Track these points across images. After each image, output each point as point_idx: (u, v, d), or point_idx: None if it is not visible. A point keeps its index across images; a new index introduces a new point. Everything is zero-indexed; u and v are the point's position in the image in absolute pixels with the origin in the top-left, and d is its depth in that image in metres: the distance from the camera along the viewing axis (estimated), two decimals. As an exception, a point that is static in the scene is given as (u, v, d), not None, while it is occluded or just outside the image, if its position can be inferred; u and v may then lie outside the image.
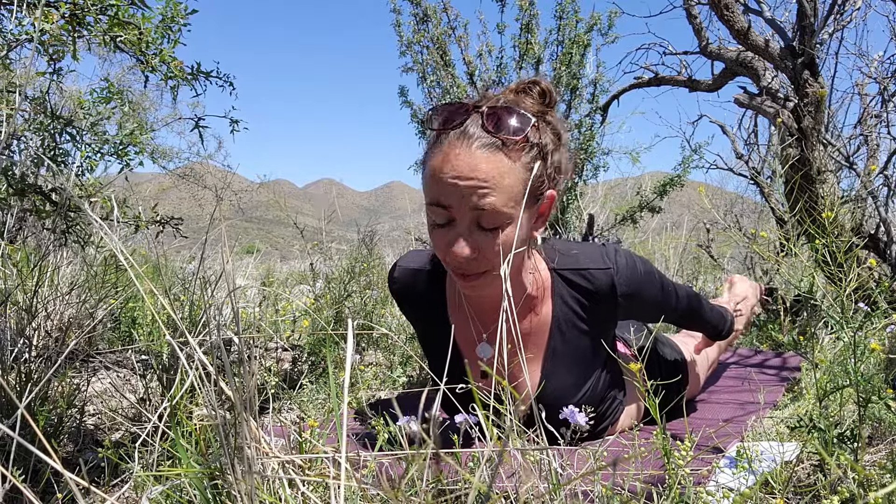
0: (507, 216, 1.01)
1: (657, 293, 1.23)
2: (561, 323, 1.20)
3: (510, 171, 1.00)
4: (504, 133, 1.00)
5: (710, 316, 1.46)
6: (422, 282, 1.28)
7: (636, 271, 1.17)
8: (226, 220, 2.73)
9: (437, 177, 1.01)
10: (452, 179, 0.99)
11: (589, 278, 1.16)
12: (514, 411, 0.71)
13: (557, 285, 1.19)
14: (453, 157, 1.00)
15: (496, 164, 0.99)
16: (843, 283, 1.01)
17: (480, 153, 0.99)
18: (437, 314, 1.28)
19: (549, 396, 1.19)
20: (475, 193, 0.99)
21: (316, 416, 1.51)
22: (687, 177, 3.35)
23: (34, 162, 1.55)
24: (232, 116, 1.74)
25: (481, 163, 0.99)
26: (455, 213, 1.02)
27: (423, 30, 3.50)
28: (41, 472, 1.07)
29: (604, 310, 1.19)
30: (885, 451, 1.11)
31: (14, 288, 1.71)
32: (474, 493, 0.46)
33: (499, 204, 0.99)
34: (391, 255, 4.43)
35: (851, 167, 2.75)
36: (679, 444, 0.85)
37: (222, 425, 0.63)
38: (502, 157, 1.00)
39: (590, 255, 1.18)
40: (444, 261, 1.09)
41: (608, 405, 1.30)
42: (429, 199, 1.04)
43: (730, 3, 2.53)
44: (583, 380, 1.23)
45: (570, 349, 1.21)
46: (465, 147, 1.00)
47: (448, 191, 1.00)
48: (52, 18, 1.30)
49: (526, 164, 1.02)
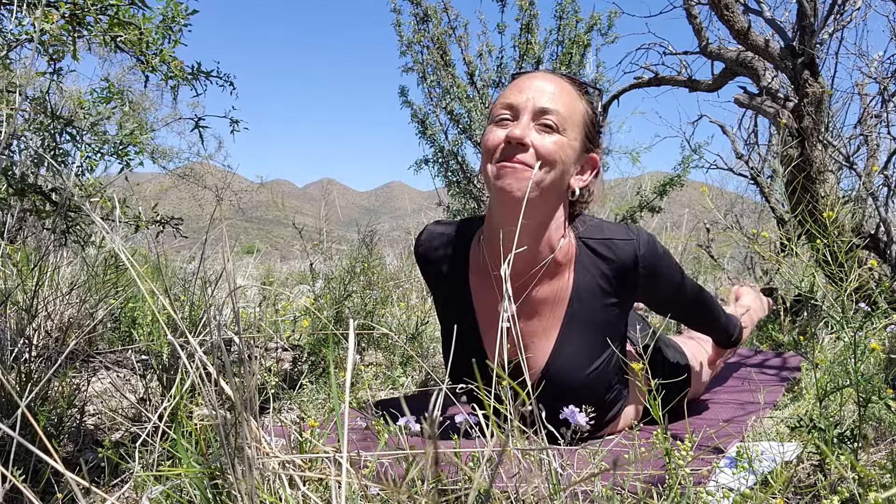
0: (564, 126, 1.16)
1: (674, 274, 1.29)
2: (582, 291, 1.23)
3: (574, 98, 1.20)
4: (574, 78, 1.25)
5: (719, 317, 1.47)
6: (447, 245, 1.34)
7: (657, 248, 1.24)
8: (226, 220, 2.73)
9: (513, 85, 1.21)
10: (528, 83, 1.18)
11: (613, 248, 1.23)
12: (524, 384, 0.71)
13: (582, 254, 1.24)
14: (530, 74, 1.22)
15: (563, 86, 1.20)
16: (844, 283, 1.01)
17: (553, 76, 1.22)
18: (459, 279, 1.31)
19: (561, 363, 1.22)
20: (545, 96, 1.16)
21: (316, 416, 1.51)
22: (687, 177, 3.35)
23: (34, 162, 1.55)
24: (232, 116, 1.74)
25: (552, 82, 1.19)
26: (520, 112, 1.16)
27: (423, 30, 3.50)
28: (41, 472, 1.07)
29: (625, 281, 1.23)
30: (885, 451, 1.11)
31: (14, 288, 1.71)
32: (474, 493, 0.46)
33: (561, 110, 1.16)
34: (391, 255, 4.43)
35: (852, 167, 2.75)
36: (679, 444, 0.85)
37: (222, 425, 0.63)
38: (570, 86, 1.21)
39: (614, 227, 1.27)
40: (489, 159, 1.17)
41: (615, 395, 1.30)
42: (499, 103, 1.20)
43: (730, 3, 2.53)
44: (596, 352, 1.25)
45: (588, 317, 1.24)
46: (540, 72, 1.23)
47: (520, 92, 1.17)
48: (52, 18, 1.30)
49: (586, 109, 1.22)
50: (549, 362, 1.22)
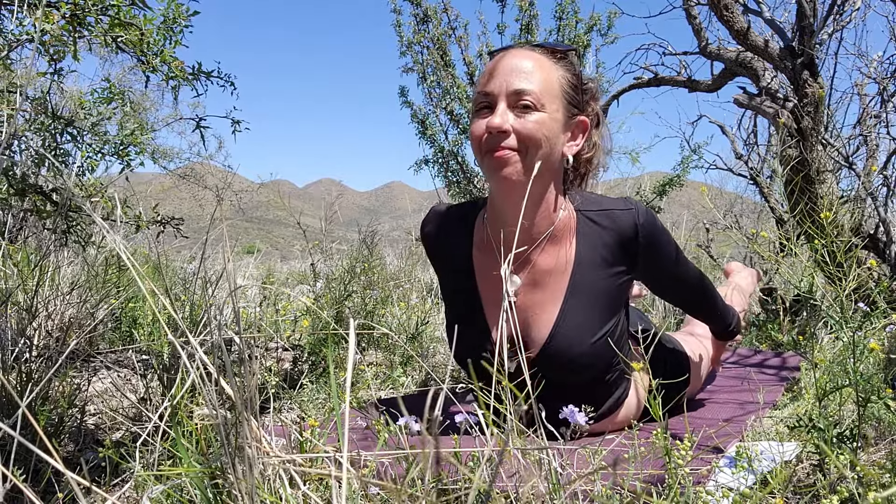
0: (541, 102, 1.15)
1: (672, 251, 1.31)
2: (584, 261, 1.25)
3: (549, 69, 1.19)
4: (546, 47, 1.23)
5: (717, 301, 1.49)
6: (451, 224, 1.37)
7: (655, 220, 1.27)
8: (226, 220, 2.73)
9: (486, 71, 1.21)
10: (498, 67, 1.18)
11: (613, 217, 1.25)
12: (524, 359, 0.72)
13: (582, 225, 1.27)
14: (502, 55, 1.22)
15: (537, 59, 1.19)
16: (843, 283, 1.01)
17: (526, 51, 1.21)
18: (462, 259, 1.33)
19: (565, 333, 1.24)
20: (516, 77, 1.16)
21: (316, 415, 1.51)
22: (686, 177, 3.35)
23: (35, 162, 1.56)
24: (233, 116, 1.74)
25: (525, 58, 1.19)
26: (495, 98, 1.16)
27: (423, 30, 3.50)
28: (42, 472, 1.07)
29: (626, 251, 1.25)
30: (884, 451, 1.11)
31: (15, 288, 1.71)
32: (474, 492, 0.46)
33: (535, 88, 1.15)
34: (391, 255, 4.43)
35: (851, 167, 2.75)
36: (679, 443, 0.85)
37: (223, 425, 0.63)
38: (542, 57, 1.20)
39: (614, 199, 1.29)
40: (478, 148, 1.19)
41: (616, 376, 1.31)
42: (476, 92, 1.22)
43: (729, 4, 2.53)
44: (598, 324, 1.26)
45: (590, 287, 1.26)
46: (513, 49, 1.22)
47: (493, 78, 1.18)
48: (52, 19, 1.30)
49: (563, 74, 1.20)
50: (553, 331, 1.24)
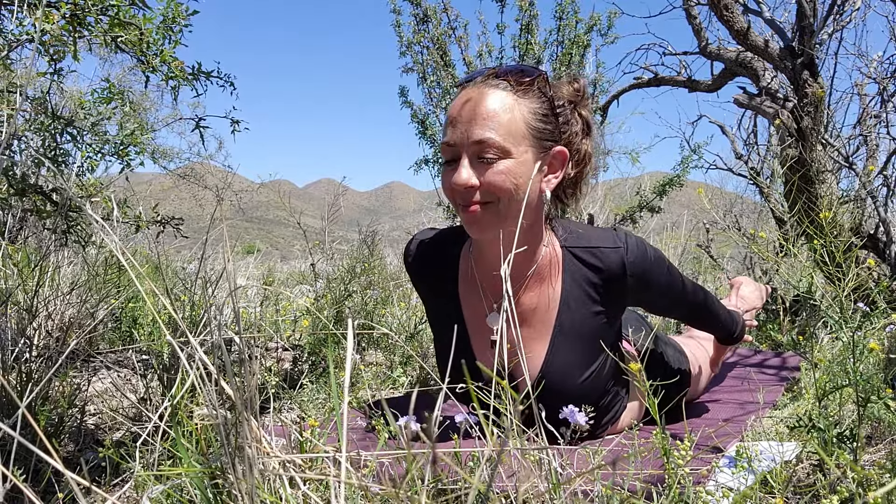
0: (505, 150, 1.08)
1: (666, 278, 1.26)
2: (570, 300, 1.22)
3: (511, 108, 1.09)
4: (512, 76, 1.12)
5: (720, 314, 1.46)
6: (436, 255, 1.33)
7: (646, 254, 1.21)
8: (226, 220, 2.73)
9: (448, 117, 1.13)
10: (457, 115, 1.11)
11: (600, 256, 1.20)
12: (517, 393, 0.72)
13: (568, 262, 1.22)
14: (463, 96, 1.13)
15: (499, 100, 1.10)
16: (842, 282, 1.01)
17: (486, 90, 1.11)
18: (448, 288, 1.30)
19: (554, 373, 1.21)
20: (476, 126, 1.08)
21: (316, 415, 1.51)
22: (686, 177, 3.34)
23: (35, 162, 1.56)
24: (233, 116, 1.74)
25: (484, 99, 1.10)
26: (460, 150, 1.10)
27: (423, 30, 3.50)
28: (42, 472, 1.07)
29: (614, 289, 1.21)
30: (884, 450, 1.11)
31: (15, 288, 1.71)
32: (474, 493, 0.46)
33: (498, 136, 1.07)
34: (392, 255, 4.43)
35: (851, 167, 2.75)
36: (679, 443, 0.85)
37: (223, 425, 0.63)
38: (505, 95, 1.10)
39: (601, 235, 1.23)
40: (452, 200, 1.15)
41: (611, 398, 1.30)
42: (441, 142, 1.15)
43: (729, 4, 2.53)
44: (588, 360, 1.24)
45: (577, 326, 1.22)
46: (474, 88, 1.12)
47: (454, 127, 1.11)
48: (52, 19, 1.30)
49: (531, 108, 1.11)
50: (542, 372, 1.21)
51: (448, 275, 1.30)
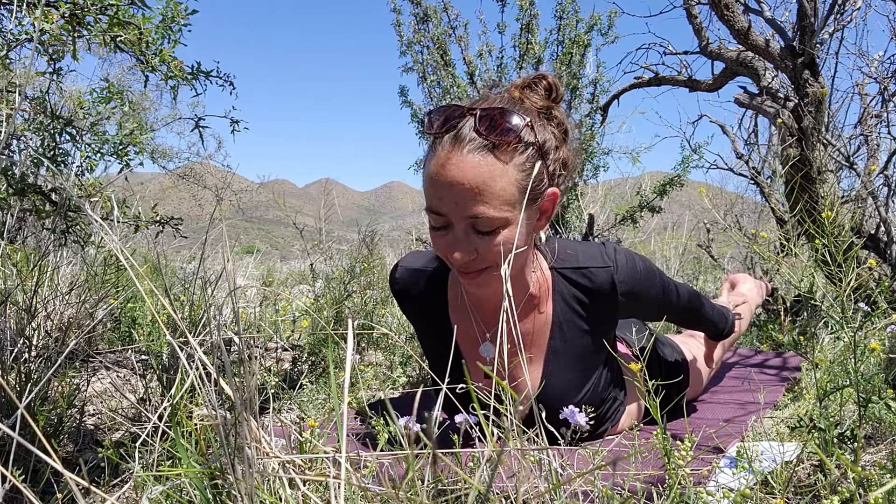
0: (502, 220, 1.01)
1: (657, 291, 1.24)
2: (562, 322, 1.20)
3: (502, 175, 1.00)
4: (496, 135, 1.00)
5: (710, 315, 1.45)
6: (423, 282, 1.29)
7: (636, 269, 1.18)
8: (226, 220, 2.73)
9: (432, 183, 1.03)
10: (445, 187, 1.00)
11: (589, 276, 1.17)
12: (515, 411, 0.71)
13: (558, 284, 1.19)
14: (445, 162, 1.01)
15: (487, 169, 0.99)
16: (843, 283, 1.01)
17: (471, 157, 0.99)
18: (438, 315, 1.28)
19: (550, 396, 1.19)
20: (468, 200, 0.99)
21: (316, 416, 1.51)
22: (687, 177, 3.34)
23: (34, 162, 1.55)
24: (232, 116, 1.73)
25: (472, 168, 0.99)
26: (451, 219, 1.03)
27: (423, 30, 3.50)
28: (41, 472, 1.07)
29: (604, 308, 1.19)
30: (885, 451, 1.11)
31: (14, 288, 1.71)
32: (474, 493, 0.46)
33: (491, 209, 1.00)
34: (391, 255, 4.43)
35: (851, 167, 2.75)
36: (679, 444, 0.85)
37: (222, 425, 0.63)
38: (493, 160, 1.00)
39: (590, 253, 1.19)
40: (446, 260, 1.09)
41: (609, 406, 1.30)
42: (427, 204, 1.06)
43: (730, 3, 2.53)
44: (584, 379, 1.24)
45: (571, 348, 1.21)
46: (456, 152, 1.00)
47: (442, 198, 1.02)
48: (51, 18, 1.30)
49: (520, 166, 1.02)
50: (541, 394, 1.20)
51: (437, 302, 1.28)
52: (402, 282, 1.31)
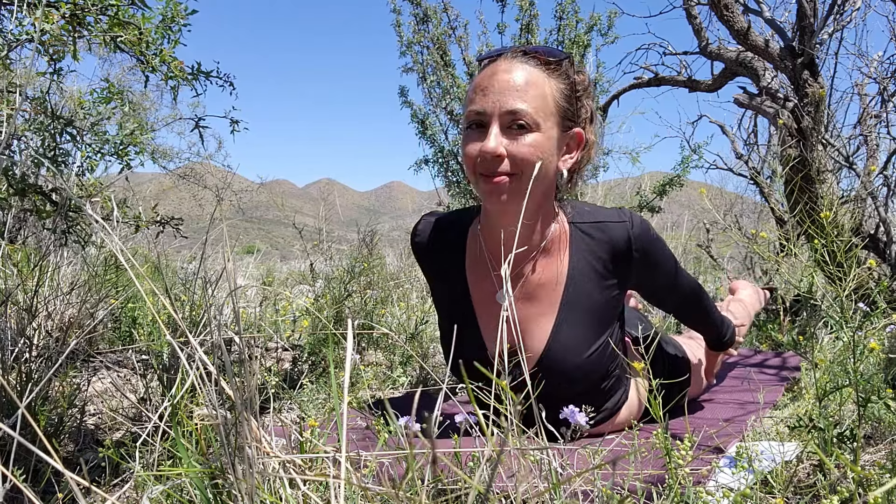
0: (536, 122, 1.11)
1: (667, 261, 1.30)
2: (577, 274, 1.24)
3: (544, 83, 1.14)
4: (542, 54, 1.16)
5: (711, 312, 1.47)
6: (443, 234, 1.34)
7: (650, 232, 1.25)
8: (226, 220, 2.73)
9: (478, 85, 1.15)
10: (491, 84, 1.12)
11: (605, 230, 1.23)
12: (523, 367, 0.71)
13: (576, 237, 1.25)
14: (495, 68, 1.15)
15: (530, 73, 1.13)
16: (843, 282, 1.01)
17: (517, 63, 1.14)
18: (455, 267, 1.32)
19: (559, 347, 1.23)
20: (509, 95, 1.11)
21: (316, 415, 1.51)
22: (686, 177, 3.34)
23: (34, 162, 1.55)
24: (232, 116, 1.73)
25: (518, 69, 1.13)
26: (489, 118, 1.12)
27: (423, 30, 3.50)
28: (42, 472, 1.07)
29: (619, 263, 1.24)
30: (884, 450, 1.11)
31: (14, 288, 1.71)
32: (473, 493, 0.46)
33: (530, 108, 1.10)
34: (391, 255, 4.43)
35: (851, 167, 2.75)
36: (679, 443, 0.85)
37: (223, 425, 0.63)
38: (538, 71, 1.14)
39: (607, 211, 1.27)
40: (471, 169, 1.15)
41: (613, 382, 1.30)
42: (467, 110, 1.16)
43: (729, 4, 2.53)
44: (593, 336, 1.25)
45: (584, 301, 1.24)
46: (504, 61, 1.16)
47: (487, 91, 1.12)
48: (52, 18, 1.30)
49: (559, 87, 1.15)
50: (547, 345, 1.23)
51: (456, 254, 1.32)
52: (423, 234, 1.36)
